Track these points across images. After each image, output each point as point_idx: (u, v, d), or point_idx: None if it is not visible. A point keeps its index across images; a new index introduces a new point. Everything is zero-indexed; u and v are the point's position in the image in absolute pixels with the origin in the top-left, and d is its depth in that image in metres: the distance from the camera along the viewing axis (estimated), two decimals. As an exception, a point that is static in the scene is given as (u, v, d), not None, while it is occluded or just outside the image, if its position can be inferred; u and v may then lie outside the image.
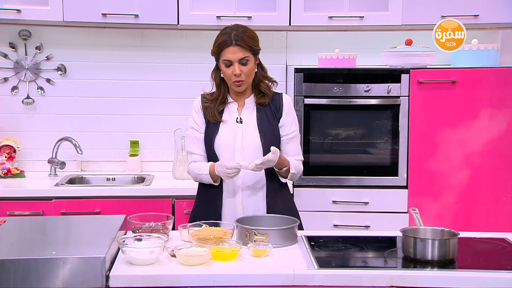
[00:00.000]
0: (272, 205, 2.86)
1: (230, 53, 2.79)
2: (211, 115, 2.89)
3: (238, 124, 2.88)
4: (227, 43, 2.79)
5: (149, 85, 4.26)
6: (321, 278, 2.22)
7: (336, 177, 3.86)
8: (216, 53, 2.86)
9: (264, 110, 2.89)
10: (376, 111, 3.84)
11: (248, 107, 2.91)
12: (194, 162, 2.93)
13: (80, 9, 3.79)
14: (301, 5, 3.85)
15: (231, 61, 2.79)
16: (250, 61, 2.81)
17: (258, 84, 2.90)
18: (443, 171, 3.79)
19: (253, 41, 2.82)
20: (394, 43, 3.91)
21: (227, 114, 2.91)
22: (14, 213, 3.58)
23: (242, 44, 2.78)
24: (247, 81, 2.84)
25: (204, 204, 2.94)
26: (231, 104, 2.92)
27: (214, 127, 2.89)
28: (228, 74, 2.82)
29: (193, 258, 2.26)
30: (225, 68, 2.82)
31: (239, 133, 2.86)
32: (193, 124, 2.95)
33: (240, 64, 2.79)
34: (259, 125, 2.87)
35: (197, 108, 2.96)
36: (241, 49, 2.78)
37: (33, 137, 4.21)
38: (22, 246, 2.35)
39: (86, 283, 2.12)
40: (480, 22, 3.87)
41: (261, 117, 2.88)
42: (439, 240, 2.37)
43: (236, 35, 2.79)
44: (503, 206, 3.82)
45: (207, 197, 2.93)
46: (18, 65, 4.17)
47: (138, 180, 4.08)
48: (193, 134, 2.95)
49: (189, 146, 2.98)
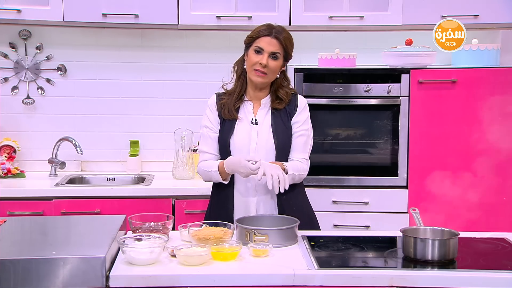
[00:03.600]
0: (285, 207, 2.84)
1: (266, 42, 2.81)
2: (227, 110, 2.88)
3: (253, 125, 2.87)
4: (266, 33, 2.82)
5: (149, 85, 4.26)
6: (321, 278, 2.22)
7: (336, 177, 3.86)
8: (252, 38, 2.85)
9: (279, 112, 2.89)
10: (376, 111, 3.85)
11: (263, 108, 2.90)
12: (204, 161, 2.91)
13: (80, 9, 3.80)
14: (301, 5, 3.86)
15: (262, 50, 2.80)
16: (279, 60, 2.83)
17: (277, 89, 2.90)
18: (443, 171, 3.78)
19: (290, 43, 2.86)
20: (394, 43, 3.91)
21: (242, 113, 2.90)
22: (14, 213, 3.58)
23: (280, 40, 2.82)
24: (269, 77, 2.84)
25: (216, 206, 2.92)
26: (246, 104, 2.91)
27: (230, 125, 2.87)
28: (253, 61, 2.81)
29: (193, 258, 2.26)
30: (254, 54, 2.82)
31: (254, 134, 2.85)
32: (207, 123, 2.93)
33: (269, 57, 2.80)
34: (273, 126, 2.85)
35: (212, 107, 2.94)
36: (277, 43, 2.81)
37: (33, 137, 4.22)
38: (22, 246, 2.35)
39: (86, 283, 2.12)
40: (480, 22, 3.88)
41: (275, 119, 2.87)
42: (439, 240, 2.37)
43: (277, 31, 2.83)
44: (503, 206, 3.82)
45: (220, 199, 2.91)
46: (18, 65, 4.17)
47: (138, 180, 4.08)
48: (206, 133, 2.92)
49: (202, 145, 2.94)
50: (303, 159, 2.89)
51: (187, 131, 4.08)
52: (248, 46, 2.87)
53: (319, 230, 2.93)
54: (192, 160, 4.06)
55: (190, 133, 4.08)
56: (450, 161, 3.79)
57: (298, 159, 2.88)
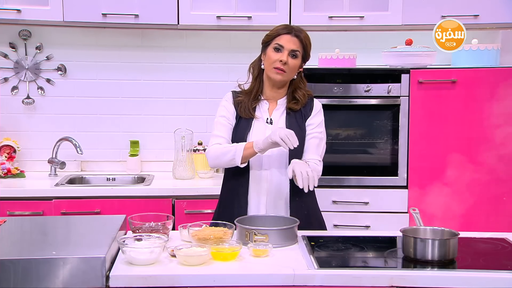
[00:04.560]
0: (296, 209, 2.83)
1: (286, 40, 2.81)
2: (244, 109, 2.87)
3: (268, 125, 2.86)
4: (286, 31, 2.83)
5: (149, 85, 4.26)
6: (321, 278, 2.22)
7: (336, 177, 3.86)
8: (271, 36, 2.85)
9: (294, 114, 2.88)
10: (376, 111, 3.84)
11: (279, 109, 2.89)
12: (219, 144, 2.84)
13: (80, 9, 3.80)
14: (301, 5, 3.86)
15: (282, 48, 2.80)
16: (298, 58, 2.83)
17: (294, 90, 2.89)
18: (443, 171, 3.78)
19: (309, 43, 2.87)
20: (394, 43, 3.91)
21: (258, 112, 2.89)
22: (14, 213, 3.58)
23: (300, 38, 2.83)
24: (287, 75, 2.83)
25: (228, 206, 2.88)
26: (262, 103, 2.90)
27: (246, 124, 2.86)
28: (273, 58, 2.81)
29: (193, 258, 2.26)
30: (273, 52, 2.81)
31: (268, 134, 2.79)
32: (224, 113, 2.89)
33: (289, 55, 2.80)
34: (287, 127, 2.82)
35: (229, 101, 2.92)
36: (297, 41, 2.82)
37: (33, 137, 4.22)
38: (22, 246, 2.35)
39: (86, 283, 2.12)
40: (480, 22, 3.88)
41: (290, 120, 2.86)
42: (439, 240, 2.37)
43: (297, 30, 2.85)
44: (503, 206, 3.82)
45: (232, 199, 2.88)
46: (18, 65, 4.17)
47: (138, 180, 4.08)
48: (222, 121, 2.88)
49: (217, 131, 2.88)
50: (317, 161, 2.85)
51: (187, 131, 4.08)
52: (267, 45, 2.86)
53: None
54: (192, 160, 4.06)
55: (190, 133, 4.08)
56: (450, 161, 3.78)
57: (312, 160, 2.84)
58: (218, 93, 4.20)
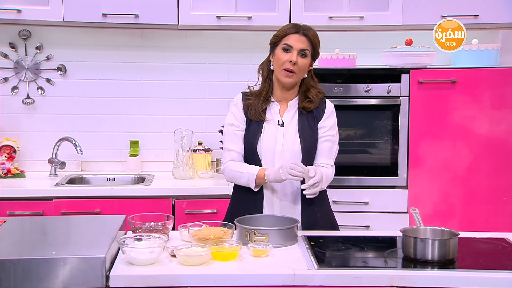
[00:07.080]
0: (309, 213, 2.81)
1: (295, 40, 2.77)
2: (254, 112, 2.82)
3: (279, 127, 2.82)
4: (294, 31, 2.79)
5: (149, 85, 4.27)
6: (321, 278, 2.21)
7: (336, 177, 3.81)
8: (279, 37, 2.80)
9: (306, 115, 2.84)
10: (376, 111, 3.84)
11: (290, 110, 2.85)
12: (233, 161, 2.83)
13: (80, 9, 3.80)
14: (301, 5, 3.86)
15: (291, 47, 2.76)
16: (308, 57, 2.79)
17: (307, 90, 2.85)
18: (443, 171, 3.79)
19: (317, 41, 2.83)
20: (394, 43, 3.91)
21: (269, 114, 2.84)
22: (14, 213, 3.58)
23: (309, 36, 2.78)
24: (297, 76, 2.79)
25: (242, 208, 2.82)
26: (273, 105, 2.85)
27: (257, 127, 2.82)
28: (282, 60, 2.76)
29: (193, 258, 2.26)
30: (282, 53, 2.77)
31: (280, 136, 2.80)
32: (233, 120, 2.85)
33: (298, 54, 2.76)
34: (299, 129, 2.80)
35: (238, 105, 2.86)
36: (306, 40, 2.78)
37: (33, 137, 4.22)
38: (22, 246, 2.35)
39: (86, 283, 2.12)
40: (480, 22, 3.88)
41: (302, 121, 2.82)
42: (439, 240, 2.37)
43: (305, 29, 2.80)
44: (503, 206, 3.81)
45: (246, 204, 2.84)
46: (18, 65, 4.17)
47: (138, 180, 4.08)
48: (232, 131, 2.84)
49: (228, 143, 2.85)
50: (329, 165, 2.84)
51: (187, 131, 4.08)
52: (275, 45, 2.82)
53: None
54: (192, 160, 4.06)
55: (190, 133, 4.08)
56: (450, 161, 3.79)
57: (324, 164, 2.83)
58: (218, 93, 4.25)
